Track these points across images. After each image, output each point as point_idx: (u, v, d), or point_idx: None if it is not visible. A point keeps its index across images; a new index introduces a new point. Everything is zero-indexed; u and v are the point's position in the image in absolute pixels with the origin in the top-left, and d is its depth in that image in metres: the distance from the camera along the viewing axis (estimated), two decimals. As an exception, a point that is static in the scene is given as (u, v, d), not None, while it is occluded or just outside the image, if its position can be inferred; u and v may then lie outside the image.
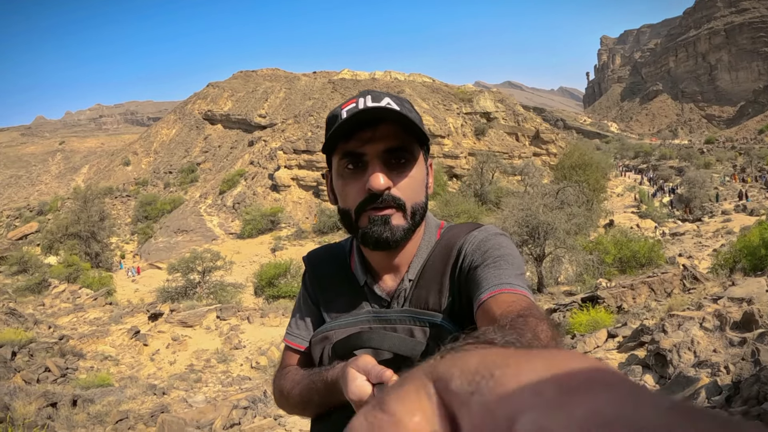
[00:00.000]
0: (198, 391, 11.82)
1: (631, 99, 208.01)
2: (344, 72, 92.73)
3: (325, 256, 1.69)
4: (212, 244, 49.13)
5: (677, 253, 25.86)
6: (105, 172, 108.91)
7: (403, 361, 1.36)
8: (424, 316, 1.43)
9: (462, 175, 57.68)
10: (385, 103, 1.36)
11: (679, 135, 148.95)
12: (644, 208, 43.57)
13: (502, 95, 79.54)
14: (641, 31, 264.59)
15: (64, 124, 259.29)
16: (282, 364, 1.65)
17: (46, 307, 24.08)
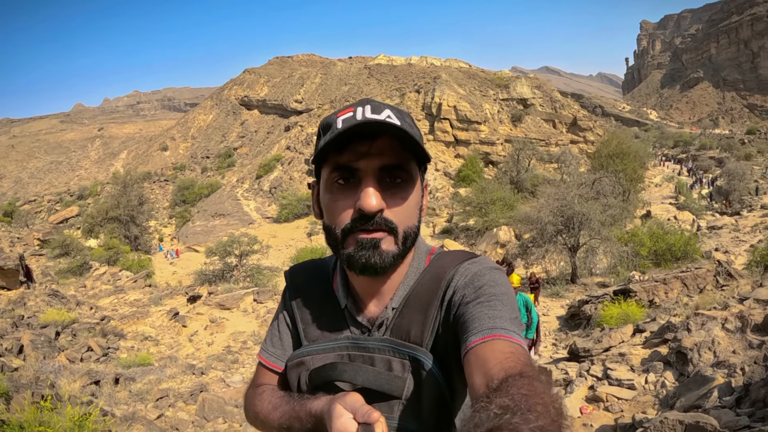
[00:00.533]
0: (235, 372, 11.99)
1: (671, 86, 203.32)
2: (380, 57, 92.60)
3: (308, 273, 1.58)
4: (249, 228, 49.70)
5: (713, 247, 25.23)
6: (143, 157, 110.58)
7: (379, 394, 1.30)
8: (404, 348, 1.33)
9: (498, 161, 57.23)
10: (385, 115, 1.24)
11: (720, 124, 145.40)
12: (682, 200, 42.91)
13: (540, 81, 78.51)
14: (682, 16, 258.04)
15: (102, 110, 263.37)
16: (255, 381, 1.56)
17: (87, 289, 24.59)
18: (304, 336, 1.47)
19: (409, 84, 71.97)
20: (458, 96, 63.72)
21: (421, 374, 1.30)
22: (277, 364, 1.51)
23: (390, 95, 71.18)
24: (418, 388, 1.29)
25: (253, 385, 1.55)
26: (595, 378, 8.01)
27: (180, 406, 8.52)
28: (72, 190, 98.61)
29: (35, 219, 68.35)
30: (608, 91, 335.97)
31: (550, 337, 13.94)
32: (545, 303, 18.24)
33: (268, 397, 1.42)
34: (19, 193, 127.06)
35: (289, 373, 1.44)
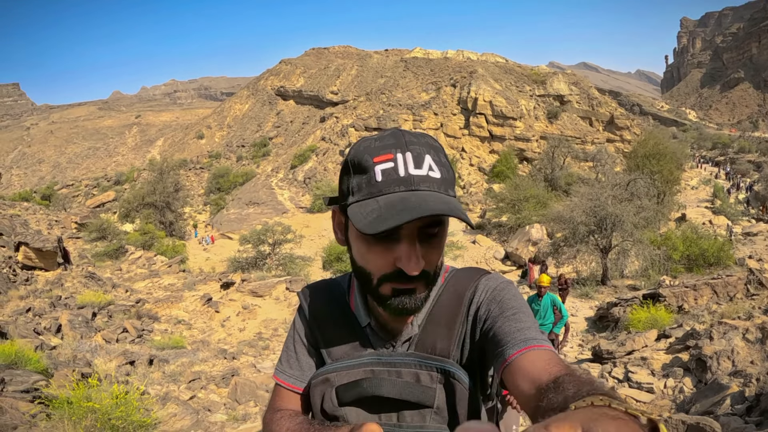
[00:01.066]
0: (266, 358, 12.16)
1: (711, 86, 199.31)
2: (416, 50, 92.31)
3: (323, 293, 1.57)
4: (282, 217, 50.08)
5: (747, 254, 24.76)
6: (179, 144, 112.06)
7: (410, 404, 1.34)
8: (431, 361, 1.37)
9: (533, 158, 56.98)
10: (426, 168, 1.21)
11: (760, 127, 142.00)
12: (718, 204, 41.90)
13: (577, 77, 77.72)
14: (723, 14, 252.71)
15: (139, 98, 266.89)
16: (273, 405, 1.53)
17: (123, 272, 25.04)
18: (327, 355, 1.47)
19: (445, 78, 71.78)
20: (494, 91, 63.44)
21: (453, 384, 1.33)
22: (296, 385, 1.51)
23: (426, 89, 71.08)
24: (451, 397, 1.33)
25: (271, 409, 1.52)
26: (617, 380, 8.14)
27: (212, 389, 8.68)
28: (109, 175, 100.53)
29: (72, 203, 69.64)
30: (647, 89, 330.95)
31: (577, 338, 13.86)
32: (574, 303, 18.14)
33: (286, 423, 1.39)
34: (57, 177, 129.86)
35: (312, 391, 1.44)
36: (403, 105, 65.59)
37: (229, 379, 8.85)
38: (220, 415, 7.22)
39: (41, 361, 7.43)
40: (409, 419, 1.36)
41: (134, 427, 5.44)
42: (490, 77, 68.37)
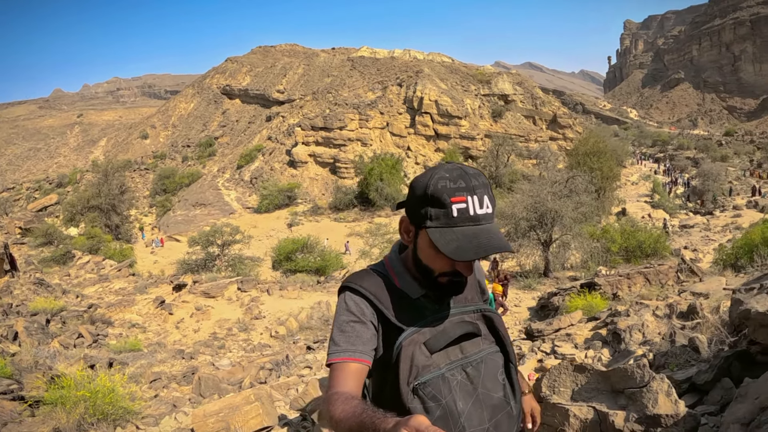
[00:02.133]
0: (223, 357, 12.56)
1: (652, 86, 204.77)
2: (363, 49, 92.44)
3: (372, 278, 1.96)
4: (230, 217, 49.97)
5: (683, 245, 26.08)
6: (123, 145, 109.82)
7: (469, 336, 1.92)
8: (468, 306, 1.98)
9: (477, 156, 57.95)
10: (485, 207, 1.72)
11: (699, 125, 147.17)
12: (657, 198, 43.63)
13: (521, 77, 79.12)
14: (666, 17, 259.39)
15: (81, 97, 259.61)
16: (333, 385, 1.73)
17: (71, 278, 24.89)
18: (401, 322, 1.86)
19: (392, 77, 72.26)
20: (440, 90, 64.23)
21: (490, 316, 2.00)
22: (364, 359, 1.79)
23: (372, 88, 71.48)
24: (489, 323, 2.00)
25: (331, 390, 1.72)
26: (544, 353, 9.27)
27: (174, 387, 9.10)
28: (51, 177, 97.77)
29: (14, 207, 67.71)
30: (590, 89, 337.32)
31: (520, 326, 14.66)
32: (517, 295, 18.96)
33: (342, 404, 1.58)
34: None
35: (405, 352, 1.81)
36: (349, 104, 65.86)
37: (190, 377, 9.27)
38: (187, 408, 7.68)
39: (7, 367, 7.74)
40: (469, 349, 1.92)
41: (122, 413, 5.94)
42: (435, 77, 69.10)
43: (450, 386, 1.82)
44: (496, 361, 1.96)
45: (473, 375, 1.88)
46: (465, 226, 1.70)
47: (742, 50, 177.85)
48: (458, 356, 1.88)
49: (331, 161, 58.99)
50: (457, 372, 1.85)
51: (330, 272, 25.51)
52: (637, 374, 4.09)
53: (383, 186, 46.48)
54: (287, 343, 13.86)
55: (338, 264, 27.17)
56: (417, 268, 1.88)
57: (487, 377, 1.91)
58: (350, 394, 1.66)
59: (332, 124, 59.84)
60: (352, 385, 1.72)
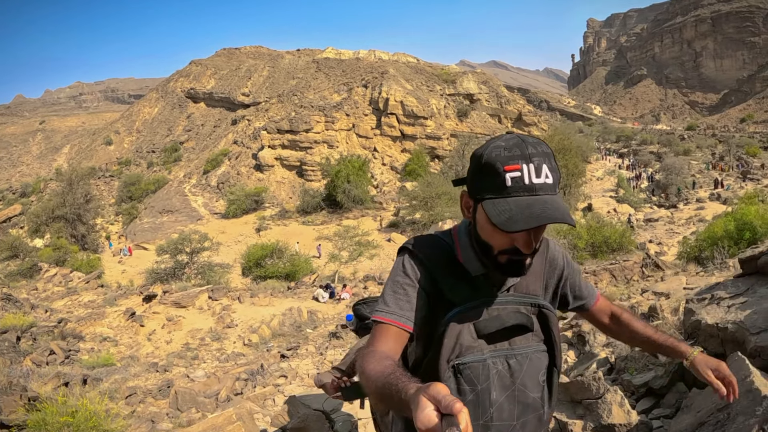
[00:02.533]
0: (197, 368, 12.67)
1: (615, 83, 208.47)
2: (328, 50, 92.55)
3: (435, 247, 1.90)
4: (197, 224, 49.71)
5: (648, 239, 26.55)
6: (87, 152, 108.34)
7: (519, 329, 1.86)
8: (527, 298, 1.88)
9: (444, 156, 58.47)
10: (543, 176, 1.61)
11: (662, 120, 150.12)
12: (622, 193, 44.15)
13: (486, 76, 79.91)
14: (628, 15, 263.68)
15: (43, 102, 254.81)
16: (372, 343, 1.74)
17: (39, 292, 24.66)
18: (455, 299, 1.81)
19: (357, 79, 72.60)
20: (405, 91, 64.71)
21: (545, 314, 1.91)
22: (408, 325, 1.76)
23: (338, 90, 71.70)
24: (544, 321, 1.91)
25: (370, 345, 1.74)
26: None
27: (150, 402, 9.23)
28: (14, 187, 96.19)
29: (-25, 218, 66.33)
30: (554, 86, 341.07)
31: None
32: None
33: (375, 363, 1.58)
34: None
35: (452, 329, 1.77)
36: (315, 106, 65.93)
37: (166, 391, 9.40)
38: (166, 424, 7.84)
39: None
40: (518, 342, 1.86)
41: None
42: (401, 77, 69.55)
43: (489, 374, 1.80)
44: (542, 361, 1.91)
45: (515, 368, 1.84)
46: (519, 196, 1.61)
47: (704, 47, 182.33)
48: (505, 346, 1.85)
49: (297, 164, 59.08)
50: (499, 361, 1.82)
51: (300, 277, 25.64)
52: (593, 386, 4.41)
53: (350, 188, 46.63)
54: (260, 351, 14.02)
55: (308, 269, 27.33)
56: (477, 244, 1.80)
57: (528, 375, 1.86)
58: (386, 354, 1.67)
59: (298, 126, 59.89)
60: (391, 346, 1.73)
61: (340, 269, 27.79)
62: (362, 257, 28.95)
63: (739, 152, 64.52)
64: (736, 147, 69.26)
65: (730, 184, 43.31)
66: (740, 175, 48.79)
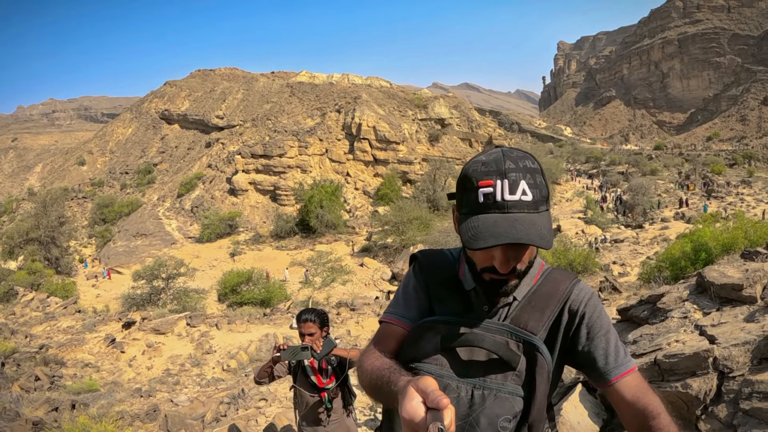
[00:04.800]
0: (180, 393, 13.33)
1: (585, 104, 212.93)
2: (302, 74, 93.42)
3: (439, 259, 1.90)
4: (171, 248, 50.08)
5: (612, 260, 27.37)
6: (59, 171, 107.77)
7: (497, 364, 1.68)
8: (522, 334, 1.69)
9: (415, 180, 59.69)
10: (519, 193, 1.52)
11: (631, 140, 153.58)
12: (590, 214, 45.20)
13: (458, 100, 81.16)
14: (597, 38, 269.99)
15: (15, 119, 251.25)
16: (374, 339, 1.82)
17: (17, 316, 24.85)
18: (438, 308, 1.80)
19: (330, 103, 73.61)
20: (378, 116, 65.85)
21: (536, 356, 1.67)
22: (400, 321, 1.81)
23: (311, 114, 72.65)
24: (531, 365, 1.67)
25: (371, 343, 1.80)
26: None
27: (138, 425, 9.92)
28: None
29: (-55, 238, 65.73)
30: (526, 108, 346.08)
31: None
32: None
33: (372, 359, 1.65)
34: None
35: (417, 331, 1.77)
36: (288, 131, 66.77)
37: (153, 415, 10.10)
38: (158, 447, 8.57)
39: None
40: (493, 376, 1.68)
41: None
42: (373, 102, 70.66)
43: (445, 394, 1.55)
44: (510, 405, 1.67)
45: (477, 401, 1.67)
46: (489, 213, 1.53)
47: (670, 68, 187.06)
48: (478, 375, 1.69)
49: (271, 189, 59.87)
50: (464, 387, 1.68)
51: (275, 303, 26.32)
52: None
53: (323, 213, 47.34)
54: (239, 376, 14.74)
55: (282, 295, 27.98)
56: (466, 260, 1.74)
57: (487, 414, 1.66)
58: (384, 352, 1.71)
59: (272, 151, 60.72)
60: (391, 345, 1.77)
61: (313, 295, 28.50)
62: (335, 283, 29.69)
63: (705, 171, 65.99)
64: (702, 165, 70.94)
65: (707, 205, 44.07)
66: (705, 194, 50.24)
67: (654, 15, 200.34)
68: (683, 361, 4.29)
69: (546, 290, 1.77)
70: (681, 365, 4.29)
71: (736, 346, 4.20)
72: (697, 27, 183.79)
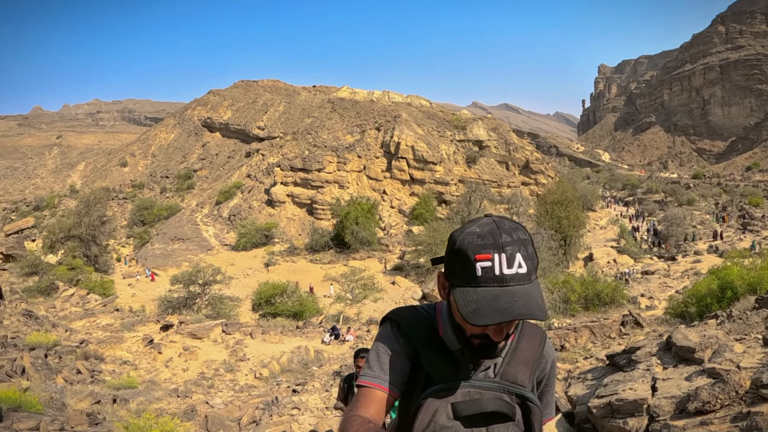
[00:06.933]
0: (214, 396, 13.79)
1: (624, 129, 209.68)
2: (343, 89, 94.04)
3: (416, 318, 1.91)
4: (207, 254, 50.86)
5: (641, 292, 26.92)
6: (101, 171, 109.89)
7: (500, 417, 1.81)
8: (515, 389, 1.84)
9: (451, 201, 59.73)
10: (516, 266, 1.59)
11: (669, 167, 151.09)
12: (623, 243, 44.76)
13: (496, 123, 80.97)
14: (639, 62, 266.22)
15: (61, 116, 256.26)
16: (354, 407, 1.76)
17: (57, 310, 25.55)
18: (433, 374, 1.83)
19: (370, 121, 74.13)
20: (416, 136, 66.22)
21: (529, 406, 1.85)
22: (393, 390, 1.81)
23: (351, 131, 73.31)
24: (527, 416, 1.85)
25: (352, 410, 1.75)
26: None
27: (177, 423, 10.35)
28: (28, 199, 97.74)
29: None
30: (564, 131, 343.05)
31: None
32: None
33: (357, 427, 1.62)
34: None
35: (429, 405, 1.78)
36: (328, 146, 67.52)
37: (190, 414, 10.54)
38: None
39: (38, 404, 8.96)
40: (496, 429, 1.80)
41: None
42: (413, 122, 71.09)
43: None
44: None
45: None
46: (489, 287, 1.59)
47: (712, 94, 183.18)
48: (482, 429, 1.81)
49: (308, 202, 60.45)
50: None
51: (307, 317, 26.75)
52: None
53: (359, 229, 47.76)
54: (271, 384, 15.18)
55: (315, 309, 28.38)
56: (452, 324, 1.79)
57: None
58: (369, 419, 1.68)
59: (311, 165, 61.42)
60: (374, 411, 1.74)
61: (344, 310, 28.85)
62: (367, 300, 30.01)
63: (742, 202, 64.76)
64: (740, 197, 69.43)
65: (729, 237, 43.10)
66: (740, 227, 49.02)
67: (696, 40, 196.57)
68: (627, 405, 5.53)
69: (524, 345, 1.93)
70: (625, 408, 5.53)
71: (667, 398, 5.32)
72: (740, 53, 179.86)
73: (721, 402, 4.73)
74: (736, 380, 4.81)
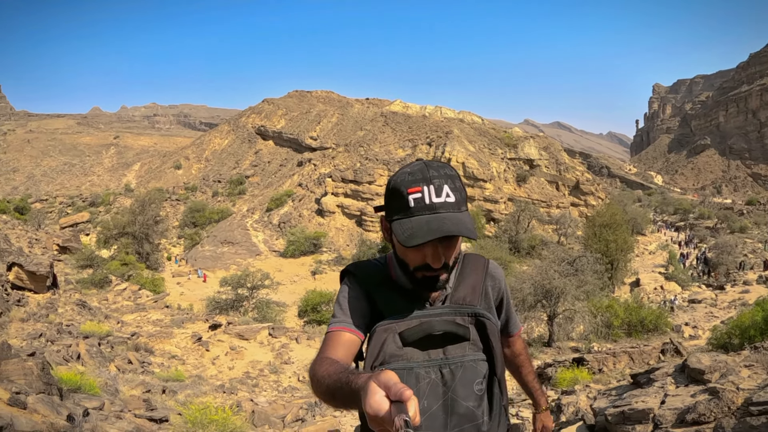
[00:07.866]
0: (259, 394, 14.06)
1: (678, 151, 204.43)
2: (396, 103, 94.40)
3: (369, 266, 2.09)
4: (256, 259, 51.61)
5: (685, 321, 26.35)
6: (156, 172, 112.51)
7: (453, 338, 1.95)
8: (464, 309, 1.98)
9: (499, 219, 59.51)
10: (444, 196, 1.77)
11: (723, 192, 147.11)
12: (671, 270, 43.87)
13: (548, 141, 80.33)
14: (694, 82, 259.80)
15: (118, 118, 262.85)
16: (322, 351, 1.84)
17: (109, 302, 26.35)
18: (386, 310, 1.95)
19: (422, 136, 74.44)
20: (467, 153, 66.24)
21: (483, 322, 1.98)
22: (358, 331, 1.92)
23: (403, 145, 73.65)
24: (483, 332, 1.99)
25: (319, 354, 1.82)
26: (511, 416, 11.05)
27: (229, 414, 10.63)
28: (84, 195, 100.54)
29: (45, 219, 69.42)
30: (617, 151, 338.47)
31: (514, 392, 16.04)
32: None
33: (326, 366, 1.66)
34: (31, 189, 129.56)
35: (376, 337, 1.90)
36: (379, 160, 67.99)
37: (236, 410, 10.79)
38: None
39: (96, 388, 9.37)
40: (453, 352, 1.94)
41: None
42: (464, 138, 71.09)
43: (418, 382, 1.89)
44: (478, 370, 1.97)
45: (447, 377, 1.92)
46: (421, 215, 1.76)
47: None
48: (439, 356, 1.94)
49: (358, 214, 60.93)
50: (432, 371, 1.91)
51: (352, 327, 26.73)
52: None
53: (405, 244, 47.49)
54: (314, 389, 15.36)
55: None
56: (398, 263, 1.95)
57: (462, 383, 1.93)
58: (336, 359, 1.75)
59: (362, 178, 61.96)
60: (342, 352, 1.83)
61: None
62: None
63: (797, 231, 62.17)
64: (795, 225, 67.24)
65: None
66: None
67: (753, 60, 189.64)
68: (636, 413, 6.28)
69: (468, 271, 2.10)
70: (634, 416, 6.28)
71: (671, 409, 5.99)
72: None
73: (715, 415, 5.36)
74: (729, 397, 5.41)
